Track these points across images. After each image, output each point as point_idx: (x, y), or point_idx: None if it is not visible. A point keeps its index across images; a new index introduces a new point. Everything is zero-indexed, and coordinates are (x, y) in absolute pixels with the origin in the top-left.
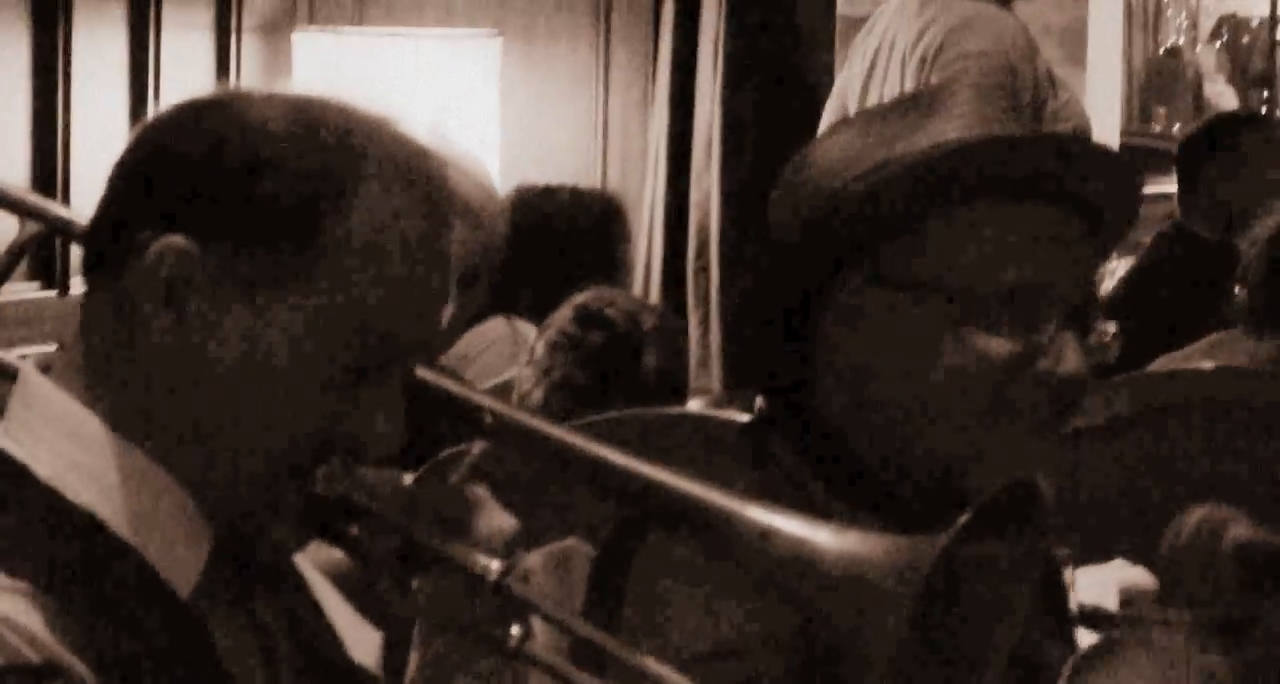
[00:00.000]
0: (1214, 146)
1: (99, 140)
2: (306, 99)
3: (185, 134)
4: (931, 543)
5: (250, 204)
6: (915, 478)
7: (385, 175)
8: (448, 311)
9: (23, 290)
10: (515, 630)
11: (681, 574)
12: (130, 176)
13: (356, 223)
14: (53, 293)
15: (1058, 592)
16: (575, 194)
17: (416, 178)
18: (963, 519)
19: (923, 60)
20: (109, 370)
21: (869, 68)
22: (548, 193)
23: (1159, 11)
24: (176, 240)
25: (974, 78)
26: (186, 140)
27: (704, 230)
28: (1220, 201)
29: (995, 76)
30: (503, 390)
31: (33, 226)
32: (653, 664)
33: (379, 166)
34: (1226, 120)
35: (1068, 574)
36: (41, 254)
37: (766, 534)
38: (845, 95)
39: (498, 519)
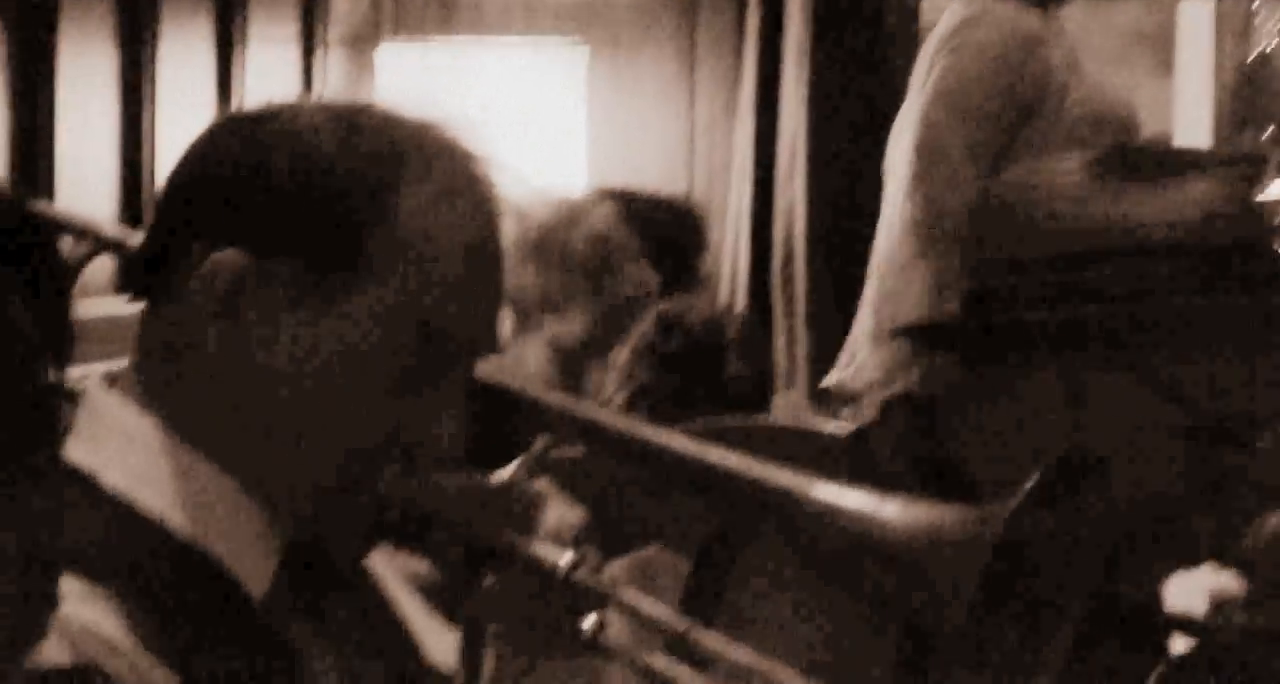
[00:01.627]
0: None
1: None
2: (353, 108)
3: (233, 147)
4: (999, 512)
5: (300, 214)
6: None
7: (433, 180)
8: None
9: (108, 305)
10: (589, 622)
11: (779, 584)
12: (181, 191)
13: (407, 228)
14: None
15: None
16: (657, 201)
17: (464, 181)
18: (1029, 487)
19: (937, 50)
20: (170, 383)
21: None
22: (630, 199)
23: (1249, 17)
24: (229, 253)
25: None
26: (235, 154)
27: (789, 238)
28: None
29: (980, 66)
30: None
31: (85, 245)
32: (735, 650)
33: (427, 172)
34: None
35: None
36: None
37: (833, 511)
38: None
39: (564, 513)
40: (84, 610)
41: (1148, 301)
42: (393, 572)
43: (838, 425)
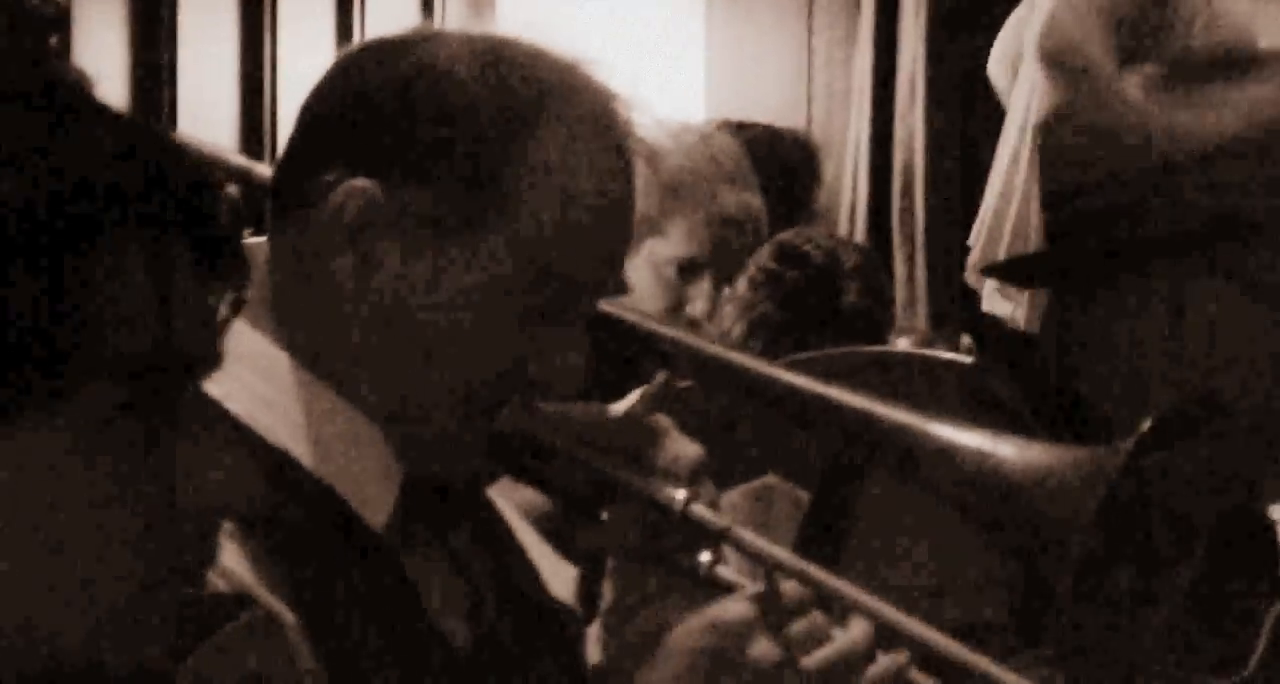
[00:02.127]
0: None
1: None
2: (496, 41)
3: (372, 76)
4: (1116, 451)
5: (436, 147)
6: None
7: (571, 120)
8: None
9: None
10: (705, 557)
11: (903, 516)
12: (317, 118)
13: (541, 166)
14: None
15: (1263, 535)
16: (771, 132)
17: (602, 123)
18: (1146, 426)
19: None
20: (297, 311)
21: None
22: (743, 130)
23: None
24: (361, 183)
25: None
26: (373, 82)
27: (909, 170)
28: None
29: None
30: None
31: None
32: (846, 587)
33: (565, 111)
34: None
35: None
36: None
37: (951, 450)
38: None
39: (681, 448)
40: None
41: (1236, 204)
42: (513, 504)
43: (957, 356)
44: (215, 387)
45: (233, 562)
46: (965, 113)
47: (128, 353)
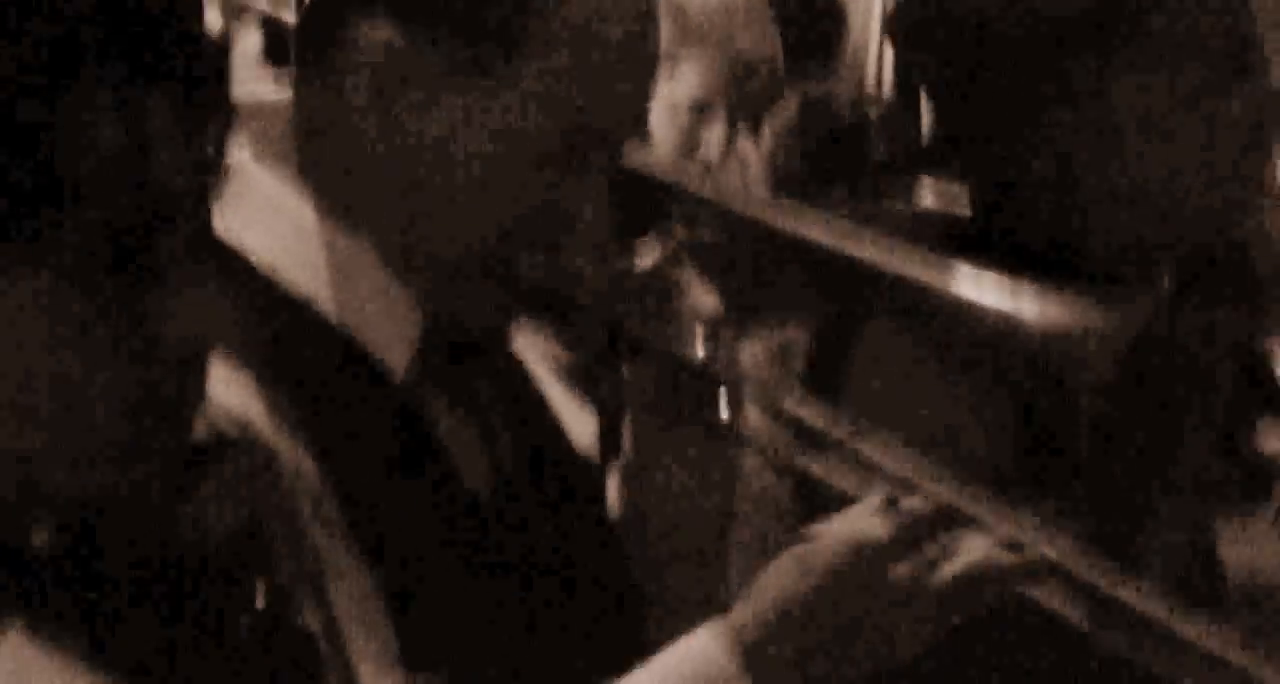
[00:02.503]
0: None
1: None
2: None
3: None
4: (1135, 307)
5: None
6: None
7: None
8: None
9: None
10: (724, 410)
11: (905, 364)
12: None
13: (563, 12)
14: None
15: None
16: None
17: None
18: (1167, 283)
19: None
20: (318, 157)
21: None
22: None
23: None
24: (384, 31)
25: None
26: None
27: None
28: None
29: None
30: None
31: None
32: (868, 441)
33: None
34: None
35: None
36: None
37: (970, 302)
38: None
39: (703, 300)
40: (222, 393)
41: None
42: (534, 354)
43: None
44: (236, 232)
45: (248, 407)
46: None
47: (104, 195)
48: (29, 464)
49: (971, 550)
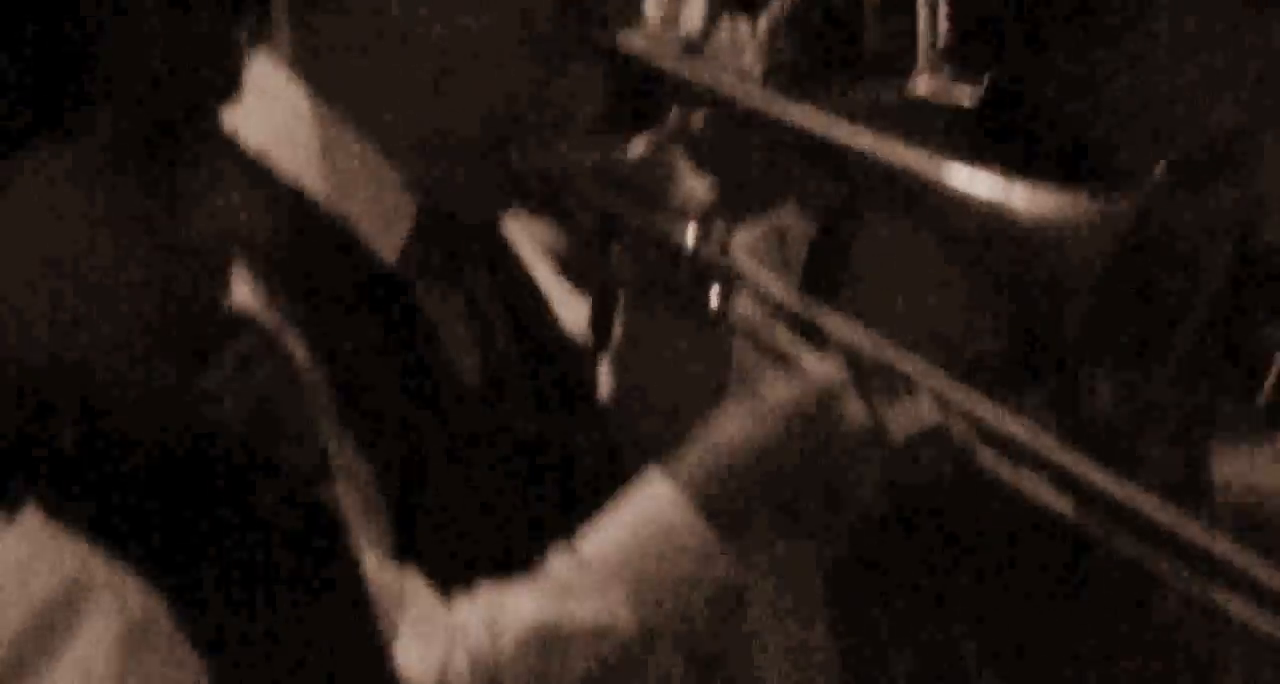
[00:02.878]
0: None
1: None
2: None
3: None
4: (1128, 200)
5: None
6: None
7: None
8: None
9: None
10: (714, 296)
11: (904, 258)
12: None
13: None
14: None
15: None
16: None
17: None
18: (1159, 175)
19: None
20: (314, 44)
21: None
22: None
23: None
24: None
25: None
26: None
27: None
28: None
29: None
30: None
31: None
32: (853, 329)
33: None
34: None
35: None
36: None
37: (964, 196)
38: None
39: (695, 186)
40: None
41: None
42: (527, 240)
43: (975, 95)
44: (231, 118)
45: (242, 293)
46: None
47: (138, 81)
48: (57, 351)
49: (919, 407)
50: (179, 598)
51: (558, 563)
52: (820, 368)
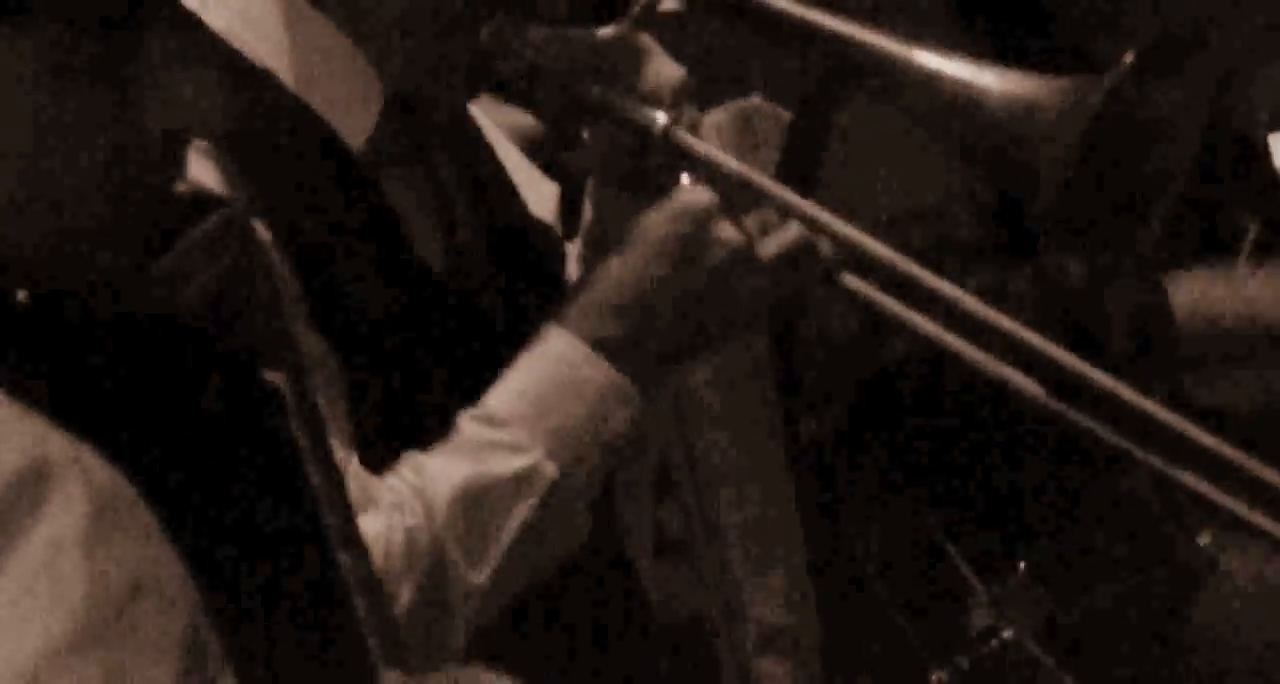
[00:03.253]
0: None
1: None
2: None
3: None
4: (1098, 83)
5: None
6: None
7: None
8: None
9: None
10: (685, 180)
11: (880, 139)
12: None
13: None
14: None
15: (1253, 157)
16: None
17: None
18: (1128, 59)
19: None
20: None
21: None
22: None
23: None
24: None
25: None
26: None
27: None
28: None
29: None
30: None
31: None
32: (823, 213)
33: None
34: None
35: (1267, 139)
36: None
37: (934, 77)
38: None
39: (665, 69)
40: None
41: None
42: (496, 124)
43: None
44: (195, 2)
45: (207, 178)
46: None
47: None
48: (9, 237)
49: (790, 228)
50: (139, 476)
51: (469, 424)
52: (689, 194)
